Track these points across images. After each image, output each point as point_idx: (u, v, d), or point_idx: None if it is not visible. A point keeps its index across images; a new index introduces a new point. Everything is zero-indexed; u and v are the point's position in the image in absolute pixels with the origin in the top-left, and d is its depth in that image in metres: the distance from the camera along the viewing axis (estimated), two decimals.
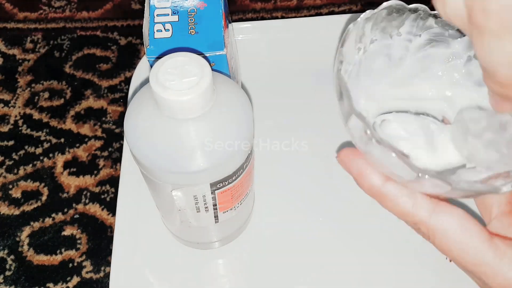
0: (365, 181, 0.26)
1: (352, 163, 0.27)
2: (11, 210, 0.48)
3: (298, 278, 0.39)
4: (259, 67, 0.50)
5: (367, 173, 0.26)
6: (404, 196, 0.26)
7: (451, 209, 0.25)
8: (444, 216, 0.25)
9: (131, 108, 0.30)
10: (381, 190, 0.26)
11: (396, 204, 0.26)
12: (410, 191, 0.26)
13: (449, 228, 0.25)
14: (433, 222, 0.25)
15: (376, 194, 0.26)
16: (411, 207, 0.25)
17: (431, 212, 0.25)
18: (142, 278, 0.40)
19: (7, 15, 0.62)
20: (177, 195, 0.31)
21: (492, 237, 0.25)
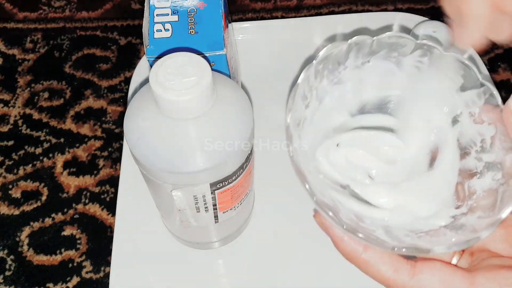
0: (344, 247, 0.27)
1: (331, 227, 0.27)
2: (11, 210, 0.48)
3: (298, 278, 0.39)
4: (259, 67, 0.50)
5: (347, 240, 0.27)
6: (385, 264, 0.26)
7: (430, 266, 0.26)
8: (425, 276, 0.26)
9: (131, 108, 0.30)
10: (361, 258, 0.27)
11: (377, 272, 0.26)
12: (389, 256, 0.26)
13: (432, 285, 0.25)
14: (416, 285, 0.26)
15: (356, 261, 0.27)
16: (392, 274, 0.26)
17: (411, 276, 0.26)
18: (142, 278, 0.40)
19: (7, 15, 0.61)
20: (177, 195, 0.31)
21: (474, 278, 0.25)
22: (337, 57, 0.29)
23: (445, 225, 0.28)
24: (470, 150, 0.29)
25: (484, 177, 0.28)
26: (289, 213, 0.42)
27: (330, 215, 0.25)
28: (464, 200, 0.29)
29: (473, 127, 0.29)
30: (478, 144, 0.29)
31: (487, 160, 0.28)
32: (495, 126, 0.28)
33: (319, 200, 0.25)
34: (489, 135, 0.28)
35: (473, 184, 0.29)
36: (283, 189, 0.43)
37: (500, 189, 0.27)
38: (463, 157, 0.30)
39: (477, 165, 0.29)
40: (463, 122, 0.30)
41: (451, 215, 0.28)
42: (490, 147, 0.28)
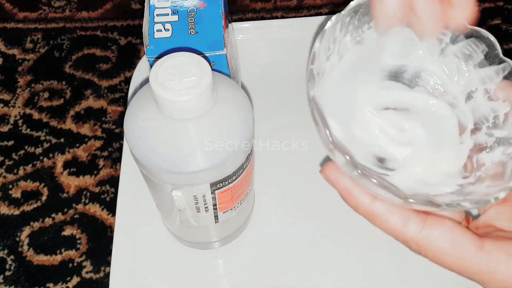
0: (352, 199, 0.26)
1: (338, 180, 0.26)
2: (11, 210, 0.48)
3: (298, 278, 0.39)
4: (259, 67, 0.50)
5: (355, 192, 0.26)
6: (394, 215, 0.26)
7: (440, 223, 0.25)
8: (434, 232, 0.25)
9: (131, 108, 0.30)
10: (369, 209, 0.26)
11: (386, 223, 0.26)
12: (398, 209, 0.26)
13: (440, 243, 0.25)
14: (424, 240, 0.25)
15: (365, 213, 0.26)
16: (401, 226, 0.26)
17: (420, 229, 0.25)
18: (142, 278, 0.40)
19: (7, 15, 0.62)
20: (177, 195, 0.31)
21: (483, 243, 0.25)
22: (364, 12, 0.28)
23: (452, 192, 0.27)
24: (481, 126, 0.29)
25: (494, 151, 0.28)
26: (289, 213, 0.42)
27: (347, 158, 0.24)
28: (472, 172, 0.28)
29: (487, 104, 0.29)
30: (491, 120, 0.29)
31: (498, 135, 0.28)
32: (510, 103, 0.27)
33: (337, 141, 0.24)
34: (503, 112, 0.28)
35: (481, 158, 0.28)
36: (283, 189, 0.43)
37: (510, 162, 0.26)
38: (474, 132, 0.29)
39: (488, 140, 0.28)
40: (477, 99, 0.29)
41: (458, 184, 0.28)
42: (502, 123, 0.28)
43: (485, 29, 0.28)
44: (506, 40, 0.57)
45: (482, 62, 0.29)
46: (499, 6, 0.60)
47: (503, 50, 0.28)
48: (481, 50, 0.29)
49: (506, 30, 0.58)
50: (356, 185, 0.26)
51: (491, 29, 0.58)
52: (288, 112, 0.46)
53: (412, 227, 0.25)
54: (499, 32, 0.58)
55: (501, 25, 0.58)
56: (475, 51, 0.29)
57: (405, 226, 0.25)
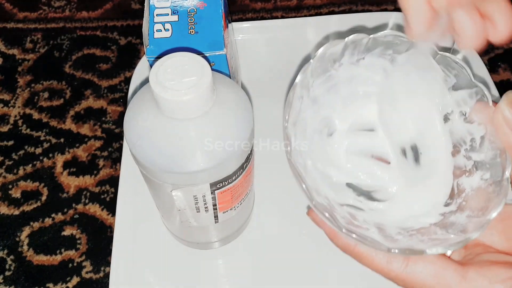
0: (338, 241, 0.28)
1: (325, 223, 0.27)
2: (11, 210, 0.48)
3: (298, 278, 0.39)
4: (259, 67, 0.50)
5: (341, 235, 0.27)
6: (378, 254, 0.27)
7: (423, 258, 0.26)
8: (418, 268, 0.26)
9: (131, 108, 0.30)
10: (355, 251, 0.27)
11: (371, 262, 0.27)
12: None
13: (424, 278, 0.26)
14: (408, 276, 0.26)
15: (351, 253, 0.28)
16: (386, 264, 0.27)
17: (405, 267, 0.26)
18: (142, 278, 0.40)
19: (7, 15, 0.61)
20: (177, 195, 0.31)
21: (466, 272, 0.26)
22: (333, 55, 0.29)
23: (435, 223, 0.28)
24: (460, 148, 0.30)
25: (473, 176, 0.28)
26: (289, 213, 0.42)
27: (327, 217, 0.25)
28: (453, 198, 0.29)
29: (464, 126, 0.29)
30: (468, 143, 0.29)
31: (476, 159, 0.28)
32: (485, 127, 0.28)
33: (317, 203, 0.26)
34: (479, 135, 0.28)
35: (462, 182, 0.29)
36: (283, 189, 0.43)
37: (489, 189, 0.27)
38: (453, 155, 0.30)
39: (466, 164, 0.29)
40: (453, 121, 0.30)
41: (440, 213, 0.29)
42: (479, 146, 0.28)
43: None
44: None
45: (456, 86, 0.29)
46: None
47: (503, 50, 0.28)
48: (454, 74, 0.29)
49: None
50: None
51: None
52: None
53: (396, 265, 0.26)
54: None
55: None
56: (447, 75, 0.29)
57: (390, 264, 0.26)
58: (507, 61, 0.56)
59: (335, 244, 0.28)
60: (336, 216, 0.26)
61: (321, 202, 0.26)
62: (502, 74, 0.55)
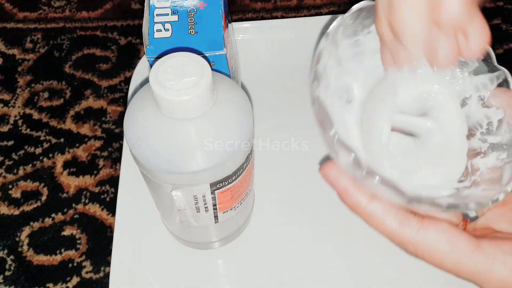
0: (350, 199, 0.26)
1: (337, 179, 0.26)
2: (11, 210, 0.48)
3: (298, 278, 0.39)
4: (259, 67, 0.50)
5: (353, 191, 0.26)
6: (390, 216, 0.26)
7: (437, 224, 0.25)
8: (431, 233, 0.25)
9: (131, 108, 0.30)
10: (366, 210, 0.26)
11: (382, 224, 0.26)
12: (395, 210, 0.26)
13: (437, 244, 0.25)
14: (420, 241, 0.25)
15: (361, 213, 0.26)
16: (397, 227, 0.26)
17: (417, 231, 0.25)
18: (142, 278, 0.40)
19: (7, 15, 0.62)
20: (177, 195, 0.31)
21: (479, 243, 0.25)
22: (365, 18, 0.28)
23: (449, 195, 0.28)
24: (475, 132, 0.29)
25: (488, 157, 0.28)
26: (289, 213, 0.42)
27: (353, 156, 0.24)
28: (467, 176, 0.28)
29: (481, 111, 0.29)
30: (485, 126, 0.29)
31: (492, 141, 0.28)
32: (503, 110, 0.27)
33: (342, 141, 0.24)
34: (496, 119, 0.28)
35: (476, 162, 0.28)
36: (283, 189, 0.43)
37: (506, 166, 0.26)
38: (468, 138, 0.29)
39: (482, 146, 0.28)
40: (471, 105, 0.29)
41: (454, 187, 0.28)
42: (496, 129, 0.28)
43: None
44: (506, 40, 0.57)
45: (477, 70, 0.29)
46: (499, 6, 0.60)
47: (503, 50, 0.28)
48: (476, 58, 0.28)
49: (506, 30, 0.58)
50: (355, 185, 0.26)
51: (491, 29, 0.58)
52: (288, 112, 0.46)
53: (408, 229, 0.25)
54: (499, 32, 0.58)
55: (501, 25, 0.58)
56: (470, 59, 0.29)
57: (402, 227, 0.25)
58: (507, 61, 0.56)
59: (346, 203, 0.27)
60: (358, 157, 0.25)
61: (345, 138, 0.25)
62: None
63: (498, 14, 0.59)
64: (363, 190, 0.26)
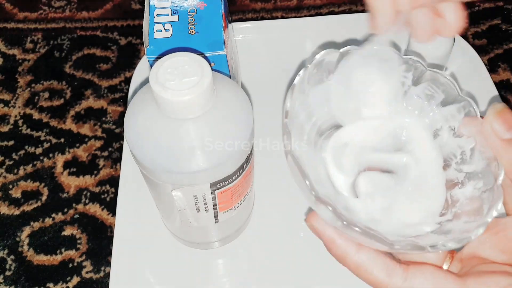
0: (336, 250, 0.27)
1: (323, 231, 0.27)
2: (11, 210, 0.48)
3: (298, 278, 0.39)
4: (259, 67, 0.50)
5: (339, 242, 0.27)
6: (377, 266, 0.26)
7: (421, 271, 0.26)
8: (417, 281, 0.26)
9: (131, 108, 0.30)
10: (354, 259, 0.27)
11: (370, 274, 0.26)
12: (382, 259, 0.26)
13: None
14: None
15: (348, 264, 0.27)
16: (384, 277, 0.26)
17: (403, 281, 0.26)
18: (142, 278, 0.40)
19: (7, 15, 0.62)
20: (177, 195, 0.31)
21: (465, 283, 0.25)
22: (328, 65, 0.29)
23: (432, 231, 0.28)
24: (450, 162, 0.30)
25: (466, 187, 0.29)
26: (289, 213, 0.42)
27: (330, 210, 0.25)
28: (448, 208, 0.29)
29: (453, 141, 0.30)
30: (458, 156, 0.29)
31: (467, 170, 0.29)
32: (474, 139, 0.28)
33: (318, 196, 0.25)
34: (468, 148, 0.29)
35: (455, 193, 0.29)
36: (283, 189, 0.43)
37: (484, 195, 0.27)
38: (444, 169, 0.30)
39: (458, 176, 0.29)
40: (443, 136, 0.30)
41: (436, 222, 0.29)
42: (470, 158, 0.29)
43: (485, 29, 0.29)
44: (506, 40, 0.57)
45: (444, 101, 0.30)
46: (499, 6, 0.60)
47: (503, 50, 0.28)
48: (441, 90, 0.30)
49: (506, 30, 0.58)
50: (341, 236, 0.27)
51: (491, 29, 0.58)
52: None
53: (395, 279, 0.26)
54: (499, 32, 0.58)
55: (501, 25, 0.58)
56: (436, 92, 0.30)
57: (389, 278, 0.26)
58: (507, 61, 0.56)
59: (333, 253, 0.28)
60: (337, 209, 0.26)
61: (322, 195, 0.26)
62: (502, 74, 0.55)
63: (498, 14, 0.59)
64: (350, 240, 0.27)
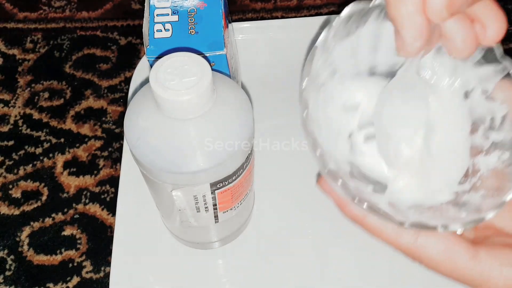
0: (348, 211, 0.27)
1: (334, 192, 0.27)
2: (11, 210, 0.48)
3: (298, 278, 0.39)
4: (259, 67, 0.50)
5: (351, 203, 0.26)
6: (388, 225, 0.26)
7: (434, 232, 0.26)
8: (429, 242, 0.25)
9: (131, 108, 0.30)
10: (365, 220, 0.27)
11: (380, 233, 0.26)
12: None
13: (435, 253, 0.25)
14: (418, 249, 0.26)
15: (360, 223, 0.27)
16: (395, 236, 0.26)
17: (415, 239, 0.26)
18: (142, 278, 0.40)
19: (7, 15, 0.62)
20: (177, 195, 0.31)
21: (477, 251, 0.25)
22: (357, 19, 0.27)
23: (448, 201, 0.27)
24: (478, 127, 0.28)
25: (490, 156, 0.27)
26: (289, 213, 0.42)
27: (339, 185, 0.24)
28: (467, 177, 0.28)
29: (484, 104, 0.28)
30: (488, 121, 0.28)
31: (494, 139, 0.27)
32: (507, 106, 0.26)
33: (330, 170, 0.24)
34: (500, 114, 0.27)
35: (477, 162, 0.28)
36: (283, 189, 0.43)
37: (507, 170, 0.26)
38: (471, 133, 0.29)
39: (484, 143, 0.28)
40: (474, 98, 0.28)
41: (454, 191, 0.28)
42: (499, 126, 0.27)
43: None
44: (506, 40, 0.57)
45: (480, 61, 0.28)
46: None
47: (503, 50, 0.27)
48: (480, 48, 0.27)
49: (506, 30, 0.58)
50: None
51: None
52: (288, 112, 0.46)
53: (406, 237, 0.26)
54: None
55: None
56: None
57: (399, 236, 0.26)
58: None
59: (344, 214, 0.27)
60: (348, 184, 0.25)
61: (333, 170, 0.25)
62: None
63: None
64: None
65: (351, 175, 0.28)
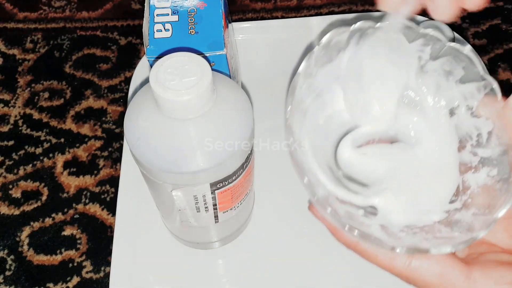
0: (340, 236, 0.27)
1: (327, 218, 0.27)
2: (11, 210, 0.48)
3: (298, 278, 0.39)
4: (259, 67, 0.50)
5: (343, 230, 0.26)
6: (382, 252, 0.26)
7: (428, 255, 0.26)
8: (422, 266, 0.26)
9: (131, 108, 0.30)
10: (358, 246, 0.27)
11: (374, 257, 0.27)
12: None
13: (429, 277, 0.25)
14: (412, 274, 0.26)
15: (353, 249, 0.27)
16: (389, 259, 0.26)
17: (408, 264, 0.26)
18: (142, 278, 0.40)
19: (7, 15, 0.62)
20: (177, 195, 0.31)
21: (470, 272, 0.25)
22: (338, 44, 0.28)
23: (439, 220, 0.27)
24: (465, 144, 0.29)
25: (479, 172, 0.27)
26: (289, 213, 0.42)
27: (329, 213, 0.25)
28: (458, 195, 0.28)
29: (470, 121, 0.28)
30: (474, 138, 0.28)
31: (482, 155, 0.27)
32: (493, 121, 0.27)
33: (318, 198, 0.25)
34: (486, 130, 0.27)
35: (467, 179, 0.28)
36: (283, 189, 0.43)
37: (496, 186, 0.26)
38: (459, 150, 0.29)
39: (472, 160, 0.28)
40: (460, 115, 0.29)
41: (445, 210, 0.28)
42: (486, 142, 0.27)
43: (485, 29, 0.27)
44: (506, 40, 0.57)
45: (463, 78, 0.28)
46: (499, 6, 0.60)
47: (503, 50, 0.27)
48: (462, 66, 0.28)
49: (506, 30, 0.58)
50: None
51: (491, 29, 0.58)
52: None
53: (400, 261, 0.26)
54: (499, 32, 0.58)
55: (501, 25, 0.58)
56: (455, 68, 0.28)
57: (393, 260, 0.26)
58: (507, 61, 0.56)
59: (338, 239, 0.27)
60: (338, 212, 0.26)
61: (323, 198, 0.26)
62: (502, 74, 0.55)
63: (498, 14, 0.59)
64: None
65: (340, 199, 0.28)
